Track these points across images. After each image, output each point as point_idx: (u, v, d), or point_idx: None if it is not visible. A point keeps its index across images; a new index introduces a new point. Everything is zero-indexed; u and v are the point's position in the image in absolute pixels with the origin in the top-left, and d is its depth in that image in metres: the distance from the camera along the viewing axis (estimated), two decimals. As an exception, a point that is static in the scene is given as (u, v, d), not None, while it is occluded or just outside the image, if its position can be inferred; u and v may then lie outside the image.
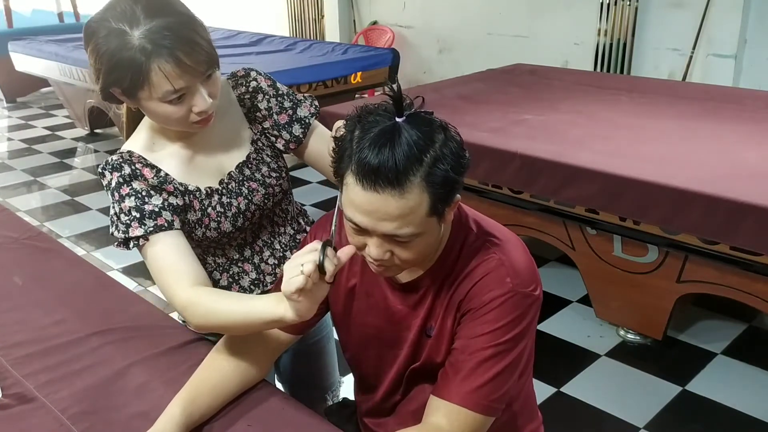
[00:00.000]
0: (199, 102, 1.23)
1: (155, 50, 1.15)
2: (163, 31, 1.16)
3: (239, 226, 1.38)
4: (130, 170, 1.27)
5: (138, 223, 1.25)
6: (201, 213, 1.34)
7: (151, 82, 1.18)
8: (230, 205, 1.36)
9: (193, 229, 1.34)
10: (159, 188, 1.28)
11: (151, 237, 1.25)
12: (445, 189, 0.99)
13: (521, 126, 2.99)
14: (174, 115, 1.23)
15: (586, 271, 2.78)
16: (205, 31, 1.22)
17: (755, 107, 3.15)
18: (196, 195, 1.33)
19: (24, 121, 6.78)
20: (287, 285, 1.02)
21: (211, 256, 1.44)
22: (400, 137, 0.96)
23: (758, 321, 2.84)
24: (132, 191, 1.27)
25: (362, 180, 0.96)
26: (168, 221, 1.27)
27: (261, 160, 1.41)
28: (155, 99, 1.20)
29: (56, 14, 7.87)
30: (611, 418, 2.34)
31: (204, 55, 1.20)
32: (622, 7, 4.62)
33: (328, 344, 1.67)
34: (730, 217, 2.13)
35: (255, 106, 1.41)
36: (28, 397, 1.29)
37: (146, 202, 1.26)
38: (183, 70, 1.18)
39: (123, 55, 1.16)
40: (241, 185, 1.38)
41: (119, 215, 1.27)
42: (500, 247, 1.12)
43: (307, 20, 7.10)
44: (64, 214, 4.39)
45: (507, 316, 1.07)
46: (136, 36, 1.16)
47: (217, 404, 1.21)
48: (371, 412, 1.34)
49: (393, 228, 0.99)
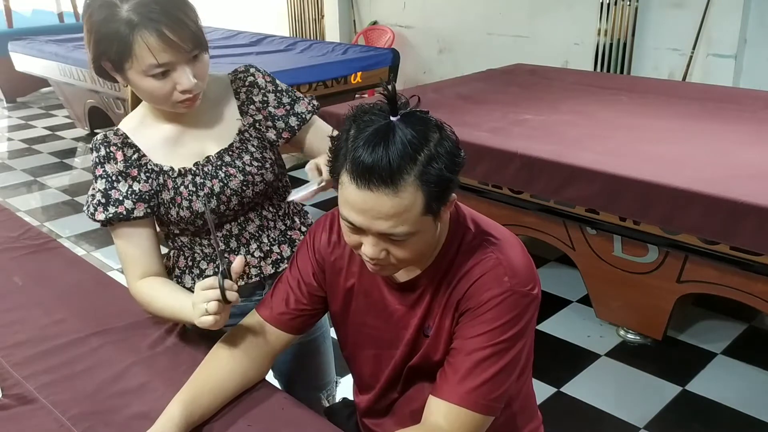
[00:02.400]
0: (183, 80, 1.26)
1: (141, 22, 1.20)
2: (151, 4, 1.21)
3: (213, 208, 1.40)
4: (105, 152, 1.35)
5: (102, 208, 1.34)
6: (174, 192, 1.38)
7: (134, 53, 1.22)
8: (203, 185, 1.39)
9: (168, 209, 1.39)
10: (124, 173, 1.34)
11: (114, 224, 1.35)
12: (440, 188, 0.99)
13: (521, 126, 2.99)
14: (158, 91, 1.27)
15: (586, 271, 2.78)
16: (194, 13, 1.27)
17: (755, 107, 3.15)
18: (170, 174, 1.37)
19: (24, 121, 6.78)
20: (201, 322, 1.16)
21: (198, 246, 1.46)
22: (395, 136, 0.96)
23: (758, 321, 2.84)
24: (104, 173, 1.34)
25: (357, 179, 0.97)
26: (127, 209, 1.34)
27: (244, 149, 1.43)
28: (140, 72, 1.24)
29: (56, 14, 7.86)
30: (611, 418, 2.34)
31: (189, 33, 1.24)
32: (622, 7, 4.62)
33: (324, 343, 1.67)
34: (730, 217, 2.13)
35: (250, 99, 1.45)
36: (29, 398, 1.29)
37: (114, 187, 1.34)
38: (167, 44, 1.21)
39: (110, 26, 1.22)
40: (218, 169, 1.40)
41: (94, 194, 1.36)
42: (498, 246, 1.12)
43: (307, 20, 7.10)
44: (64, 214, 4.39)
45: (505, 316, 1.07)
46: (125, 9, 1.21)
47: (217, 404, 1.21)
48: (369, 412, 1.34)
49: (388, 227, 0.99)
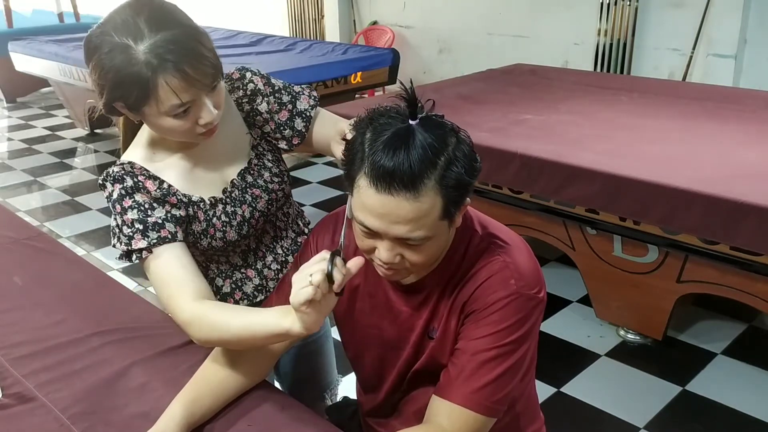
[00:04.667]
0: (205, 114, 1.20)
1: (161, 65, 1.12)
2: (168, 44, 1.12)
3: (244, 234, 1.37)
4: (133, 182, 1.25)
5: (141, 235, 1.23)
6: (206, 224, 1.32)
7: (158, 97, 1.15)
8: (235, 213, 1.34)
9: (198, 240, 1.33)
10: (162, 200, 1.26)
11: (154, 249, 1.23)
12: (459, 192, 0.99)
13: (521, 126, 2.99)
14: (180, 129, 1.21)
15: (586, 271, 2.78)
16: (209, 41, 1.20)
17: (755, 107, 3.15)
18: (200, 206, 1.31)
19: (24, 121, 6.77)
20: (296, 296, 1.00)
21: (215, 263, 1.43)
22: (415, 140, 0.95)
23: (758, 321, 2.84)
24: (135, 203, 1.24)
25: (376, 183, 0.96)
26: (171, 233, 1.24)
27: (263, 165, 1.39)
28: (161, 113, 1.18)
29: (56, 14, 7.84)
30: (611, 418, 2.34)
31: (210, 66, 1.17)
32: (622, 7, 4.62)
33: (327, 343, 1.66)
34: (730, 217, 2.13)
35: (254, 109, 1.39)
36: (28, 397, 1.29)
37: (149, 215, 1.24)
38: (189, 84, 1.15)
39: (128, 70, 1.13)
40: (244, 192, 1.36)
41: (121, 227, 1.25)
42: (505, 249, 1.12)
43: (307, 20, 7.10)
44: (64, 214, 4.39)
45: (511, 318, 1.07)
46: (141, 50, 1.12)
47: (218, 404, 1.21)
48: (374, 412, 1.34)
49: (405, 231, 0.99)
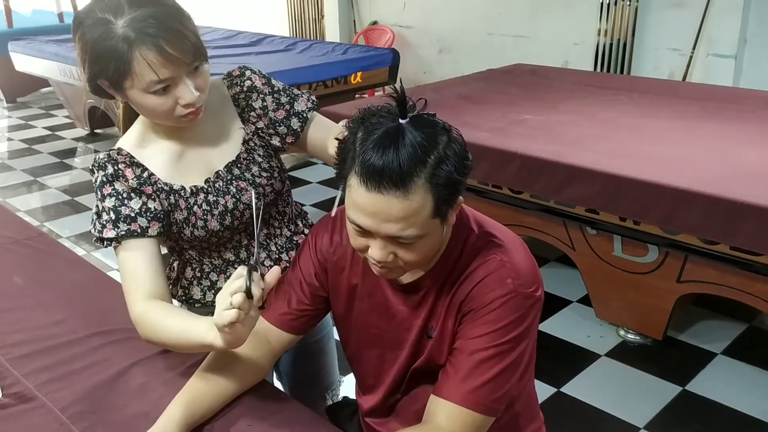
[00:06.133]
0: (185, 94, 1.22)
1: (138, 38, 1.15)
2: (147, 19, 1.15)
3: (227, 224, 1.37)
4: (113, 170, 1.28)
5: (112, 225, 1.27)
6: (187, 212, 1.34)
7: (134, 71, 1.17)
8: (217, 203, 1.35)
9: (181, 229, 1.35)
10: (138, 190, 1.29)
11: (122, 241, 1.27)
12: (449, 190, 0.99)
13: (521, 126, 2.99)
14: (159, 107, 1.23)
15: (586, 271, 2.78)
16: (192, 24, 1.22)
17: (755, 107, 3.15)
18: (182, 194, 1.34)
19: (24, 121, 6.78)
20: (220, 318, 1.04)
21: (207, 258, 1.44)
22: (404, 139, 0.96)
23: (758, 321, 2.84)
24: (113, 192, 1.28)
25: (366, 181, 0.96)
26: (142, 227, 1.27)
27: (252, 160, 1.40)
28: (140, 89, 1.20)
29: (56, 14, 7.85)
30: (611, 418, 2.34)
31: (189, 45, 1.19)
32: (622, 7, 4.62)
33: (328, 343, 1.66)
34: (730, 217, 2.13)
35: (249, 105, 1.40)
36: (28, 397, 1.29)
37: (124, 204, 1.27)
38: (166, 59, 1.17)
39: (106, 44, 1.16)
40: (228, 184, 1.37)
41: (100, 213, 1.29)
42: (502, 247, 1.12)
43: (307, 20, 7.10)
44: (64, 214, 4.39)
45: (508, 317, 1.07)
46: (120, 25, 1.15)
47: (218, 404, 1.21)
48: (373, 412, 1.34)
49: (397, 230, 0.99)
